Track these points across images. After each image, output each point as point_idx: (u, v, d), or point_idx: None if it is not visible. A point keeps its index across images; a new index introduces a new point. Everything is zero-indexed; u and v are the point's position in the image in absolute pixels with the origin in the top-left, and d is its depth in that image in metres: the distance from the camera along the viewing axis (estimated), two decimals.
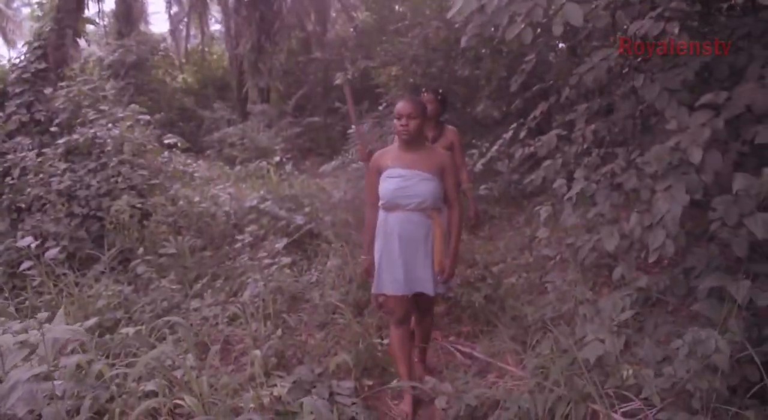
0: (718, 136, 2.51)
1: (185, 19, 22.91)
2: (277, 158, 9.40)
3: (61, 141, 5.27)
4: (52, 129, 5.85)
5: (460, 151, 4.42)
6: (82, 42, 7.60)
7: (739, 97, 2.57)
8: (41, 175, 5.08)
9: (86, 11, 7.87)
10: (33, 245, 3.83)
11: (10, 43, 24.09)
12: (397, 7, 16.51)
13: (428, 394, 3.33)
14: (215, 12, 24.97)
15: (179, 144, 7.71)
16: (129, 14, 19.89)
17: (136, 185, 6.07)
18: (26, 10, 26.44)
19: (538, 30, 4.47)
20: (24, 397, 1.83)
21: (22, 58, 6.86)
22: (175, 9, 22.19)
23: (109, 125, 5.68)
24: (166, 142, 7.03)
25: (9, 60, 7.32)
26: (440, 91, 4.45)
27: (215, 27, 26.37)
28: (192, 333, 3.71)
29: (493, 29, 3.22)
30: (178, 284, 4.94)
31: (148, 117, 6.79)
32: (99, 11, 13.77)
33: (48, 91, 6.40)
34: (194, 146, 13.32)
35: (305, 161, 13.89)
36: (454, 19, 9.83)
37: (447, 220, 3.43)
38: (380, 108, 11.66)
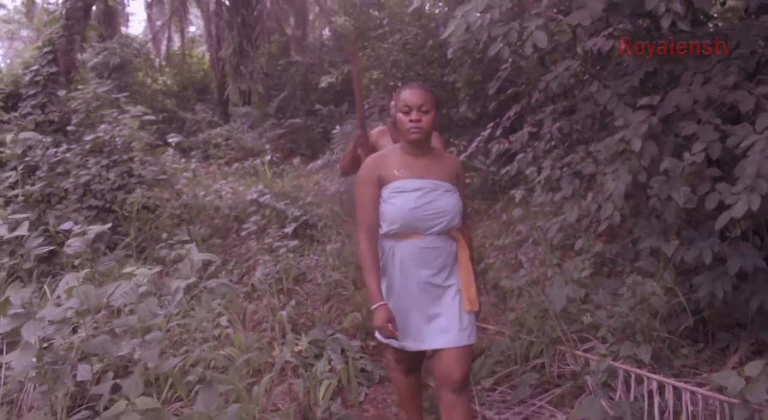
0: (654, 130, 3.21)
1: (159, 23, 23.20)
2: (269, 157, 9.99)
3: (88, 138, 5.81)
4: (70, 128, 6.38)
5: None
6: None
7: (670, 100, 3.27)
8: (73, 171, 5.62)
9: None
10: (74, 228, 4.36)
11: None
12: (375, 13, 17.18)
13: None
14: (193, 17, 25.39)
15: (173, 144, 8.30)
16: (111, 17, 20.23)
17: (147, 180, 6.62)
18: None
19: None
20: (178, 302, 2.42)
21: (34, 62, 7.37)
22: (155, 12, 22.56)
23: (125, 123, 6.21)
24: (170, 140, 7.58)
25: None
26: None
27: (193, 29, 26.78)
28: (218, 301, 4.28)
29: (475, 42, 3.91)
30: None
31: (153, 117, 7.33)
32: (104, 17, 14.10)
33: (61, 93, 6.92)
34: (178, 147, 13.82)
35: (289, 161, 14.46)
36: (434, 27, 10.48)
37: None
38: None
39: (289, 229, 5.75)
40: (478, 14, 3.21)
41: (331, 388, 3.19)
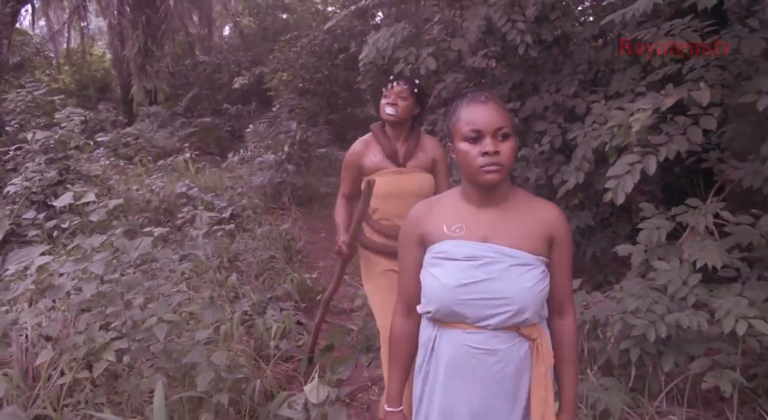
0: (517, 128, 4.34)
1: (58, 17, 22.70)
2: (187, 154, 10.60)
3: (38, 137, 6.32)
4: (8, 128, 6.86)
5: (445, 174, 3.02)
6: None
7: (528, 105, 4.42)
8: (21, 169, 6.15)
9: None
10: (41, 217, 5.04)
11: None
12: (282, 15, 17.93)
13: None
14: (90, 14, 24.94)
15: (92, 143, 8.83)
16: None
17: (83, 176, 7.19)
18: None
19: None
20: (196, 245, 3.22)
21: None
22: (53, 9, 22.09)
23: (64, 123, 6.75)
24: (98, 140, 8.13)
25: None
26: (417, 81, 2.91)
27: (93, 27, 26.26)
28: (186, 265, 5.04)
29: (381, 58, 4.93)
30: None
31: (83, 117, 7.87)
32: (32, 23, 14.06)
33: None
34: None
35: (203, 158, 14.98)
36: (339, 33, 11.39)
37: (552, 340, 1.70)
38: (274, 109, 13.11)
39: (225, 214, 6.54)
40: (384, 41, 4.21)
41: (280, 330, 4.10)
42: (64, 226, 3.45)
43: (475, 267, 1.56)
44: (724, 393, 2.43)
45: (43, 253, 2.69)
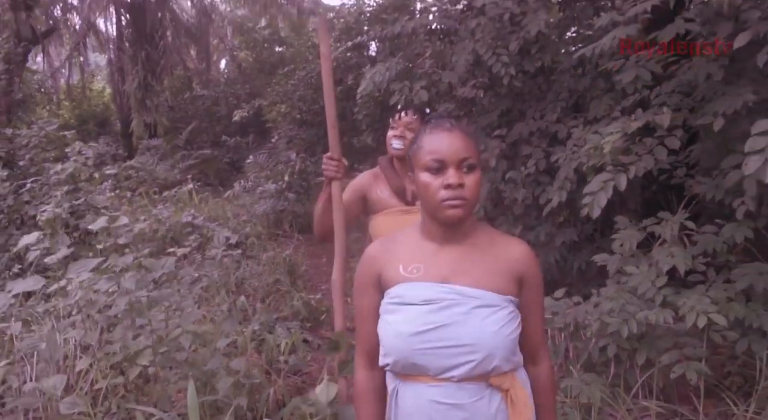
0: (504, 152, 4.69)
1: (58, 53, 23.22)
2: (190, 186, 10.94)
3: (54, 170, 6.64)
4: (21, 163, 7.17)
5: None
6: None
7: (514, 131, 4.77)
8: (35, 201, 6.46)
9: None
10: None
11: None
12: (279, 48, 18.42)
13: None
14: (89, 50, 25.52)
15: (96, 176, 9.17)
16: None
17: (93, 207, 7.50)
18: None
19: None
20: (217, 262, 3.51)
21: None
22: (54, 46, 22.62)
23: (76, 157, 7.09)
24: (107, 172, 8.47)
25: None
26: (427, 111, 2.74)
27: (91, 62, 26.84)
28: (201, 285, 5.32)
29: (378, 90, 5.30)
30: None
31: (90, 152, 8.21)
32: (43, 57, 14.58)
33: (8, 131, 7.68)
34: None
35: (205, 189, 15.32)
36: (335, 66, 11.82)
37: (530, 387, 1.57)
38: (273, 140, 13.48)
39: (232, 240, 6.86)
40: (380, 75, 4.59)
41: (289, 345, 4.38)
42: (100, 247, 3.74)
43: (434, 311, 1.41)
44: (690, 381, 2.73)
45: (93, 269, 2.99)
